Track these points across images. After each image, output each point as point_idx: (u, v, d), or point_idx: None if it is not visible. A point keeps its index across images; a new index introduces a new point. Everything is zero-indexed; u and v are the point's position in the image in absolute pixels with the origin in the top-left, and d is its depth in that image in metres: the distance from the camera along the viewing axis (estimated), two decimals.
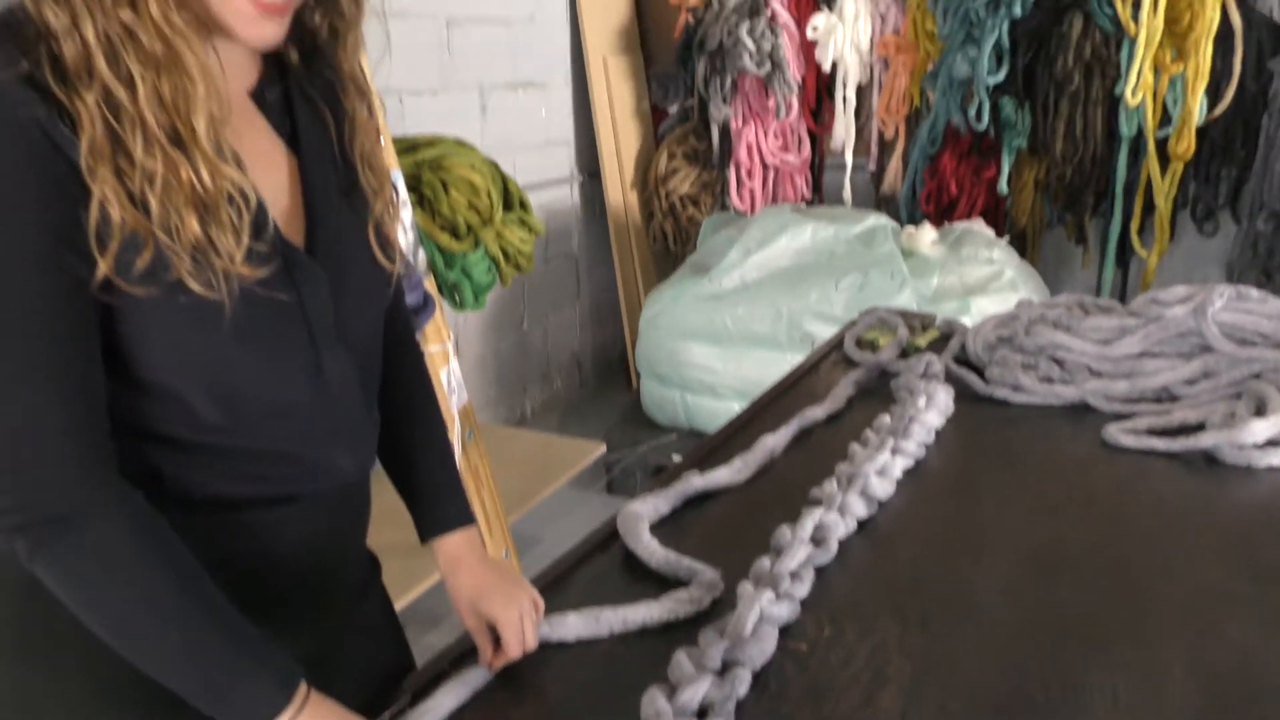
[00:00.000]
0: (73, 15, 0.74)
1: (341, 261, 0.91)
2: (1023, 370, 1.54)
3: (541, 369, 3.88)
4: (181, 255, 0.76)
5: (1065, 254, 3.68)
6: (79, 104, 0.73)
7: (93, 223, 0.74)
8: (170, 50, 0.75)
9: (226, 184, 0.78)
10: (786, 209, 3.29)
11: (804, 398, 1.56)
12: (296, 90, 0.92)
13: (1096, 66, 3.13)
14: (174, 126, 0.76)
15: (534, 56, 3.56)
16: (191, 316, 0.79)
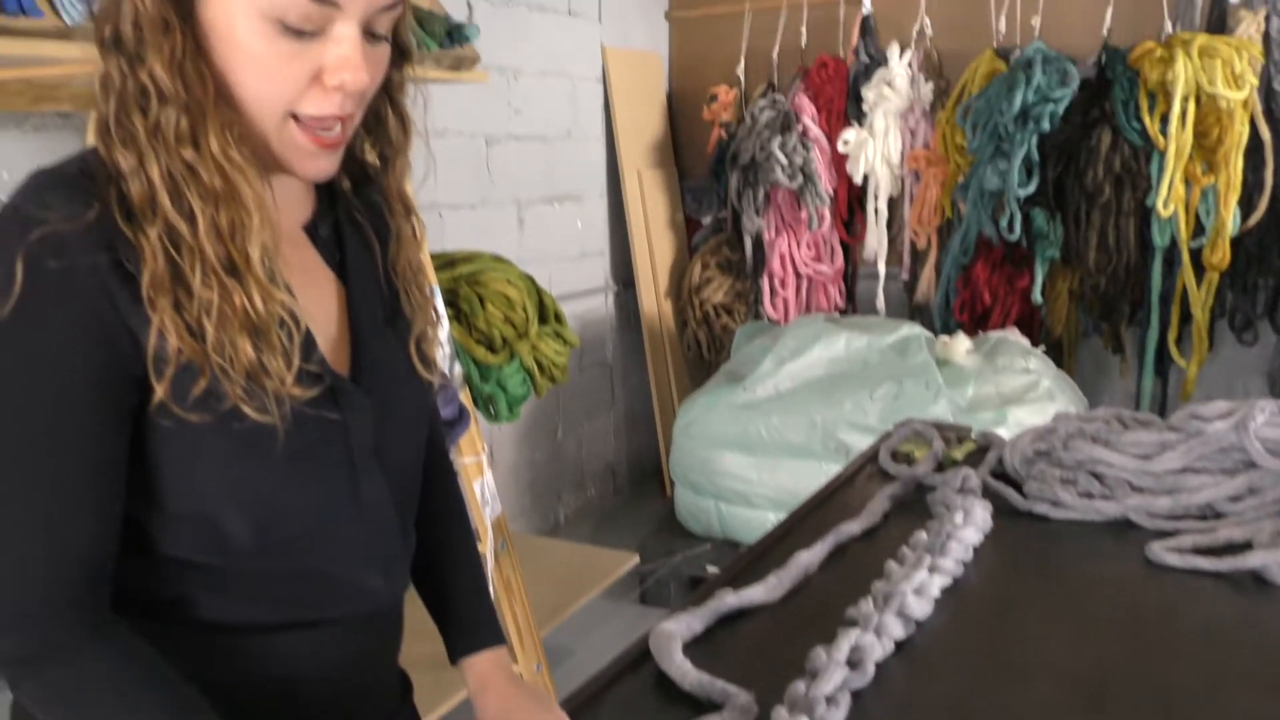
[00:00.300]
0: (139, 156, 0.78)
1: (384, 388, 0.93)
2: (1061, 485, 1.51)
3: (575, 477, 3.87)
4: (235, 380, 0.79)
5: (1102, 363, 3.65)
6: (143, 240, 0.77)
7: (151, 351, 0.77)
8: (229, 184, 0.78)
9: (278, 308, 0.81)
10: (820, 318, 3.31)
11: (839, 512, 1.54)
12: (346, 218, 0.96)
13: (1127, 178, 3.15)
14: (229, 256, 0.79)
15: (570, 170, 3.65)
16: (243, 442, 0.81)
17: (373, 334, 0.94)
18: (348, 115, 0.83)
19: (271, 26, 0.78)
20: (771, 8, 3.93)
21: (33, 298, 0.74)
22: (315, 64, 0.80)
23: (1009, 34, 3.56)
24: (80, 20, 1.43)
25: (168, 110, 0.77)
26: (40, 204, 0.76)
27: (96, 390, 0.77)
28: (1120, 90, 3.15)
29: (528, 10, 3.34)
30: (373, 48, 0.83)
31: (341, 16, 0.79)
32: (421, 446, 1.00)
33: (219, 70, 0.80)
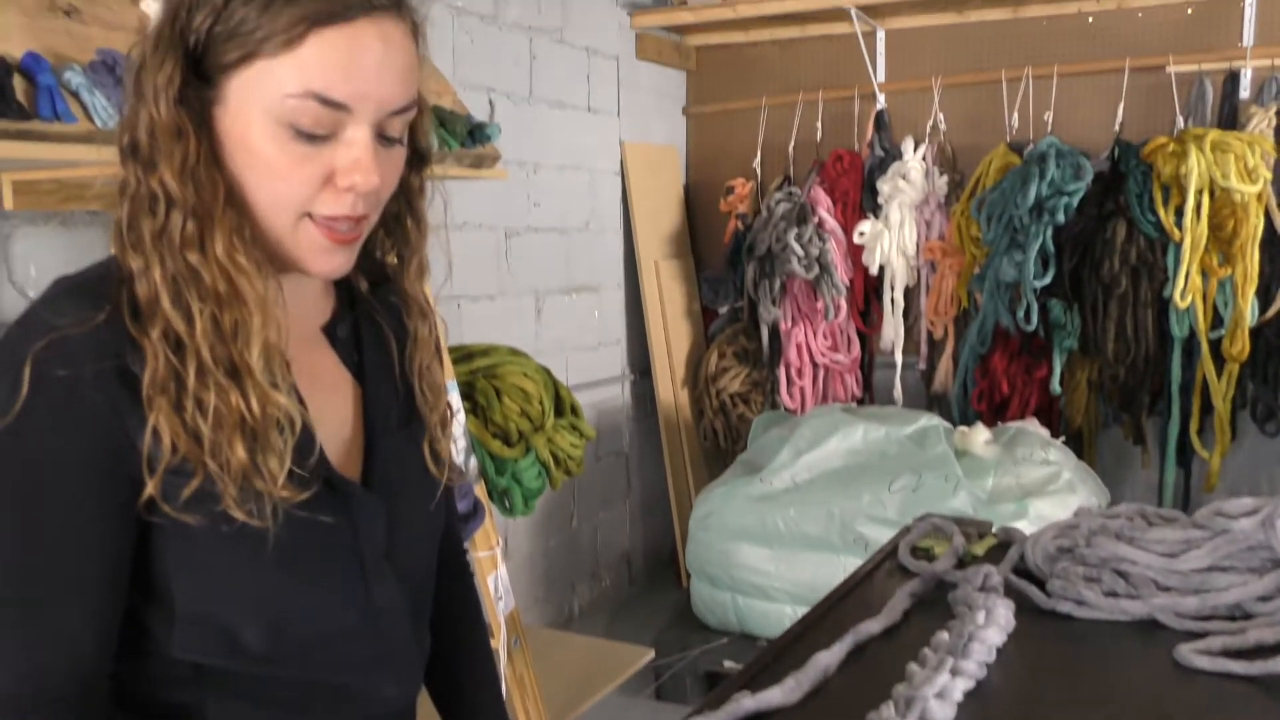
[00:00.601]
0: (145, 258, 0.80)
1: (397, 493, 0.93)
2: (1085, 583, 1.48)
3: (591, 567, 3.83)
4: (228, 483, 0.79)
5: (1123, 454, 3.61)
6: (145, 341, 0.78)
7: (145, 449, 0.78)
8: (232, 286, 0.80)
9: (275, 411, 0.81)
10: (837, 409, 3.30)
11: (858, 609, 1.51)
12: (365, 319, 0.97)
13: (1143, 270, 3.16)
14: (230, 357, 0.80)
15: (588, 262, 3.69)
16: (235, 544, 0.81)
17: (386, 436, 0.94)
18: (360, 215, 0.84)
19: (285, 131, 0.80)
20: (787, 103, 4.01)
21: (37, 404, 0.76)
22: (328, 166, 0.81)
23: (1022, 128, 3.62)
24: (112, 125, 1.47)
25: (175, 215, 0.80)
26: (53, 310, 0.79)
27: (96, 494, 0.79)
28: (1134, 183, 3.18)
29: (548, 107, 3.41)
30: (386, 150, 0.85)
31: (353, 120, 0.81)
32: (435, 550, 1.00)
33: (232, 174, 0.82)
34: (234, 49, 0.79)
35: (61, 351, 0.77)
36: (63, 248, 1.92)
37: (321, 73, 0.78)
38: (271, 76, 0.79)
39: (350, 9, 0.79)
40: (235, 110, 0.81)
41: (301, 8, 0.78)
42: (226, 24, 0.79)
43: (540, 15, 3.33)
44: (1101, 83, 3.55)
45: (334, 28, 0.79)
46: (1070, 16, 3.60)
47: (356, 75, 0.80)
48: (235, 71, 0.80)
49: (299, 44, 0.78)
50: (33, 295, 1.88)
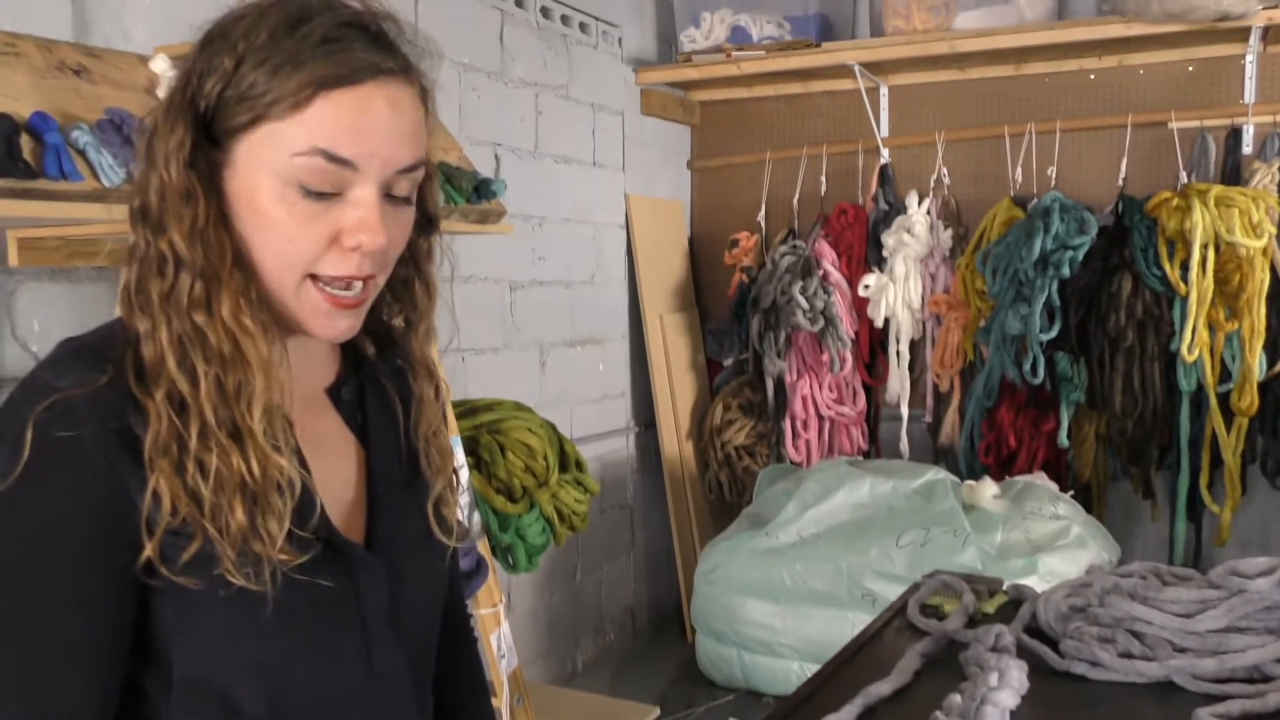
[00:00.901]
0: (153, 320, 0.81)
1: (400, 555, 0.92)
2: (1100, 644, 1.45)
3: (594, 621, 3.78)
4: (226, 546, 0.78)
5: (1133, 508, 3.58)
6: (149, 402, 0.78)
7: (145, 510, 0.78)
8: (236, 348, 0.80)
9: (276, 473, 0.81)
10: (843, 462, 3.28)
11: (867, 670, 1.48)
12: (370, 381, 0.97)
13: (1150, 323, 3.16)
14: (232, 419, 0.80)
15: (593, 314, 3.69)
16: (234, 607, 0.80)
17: (390, 499, 0.94)
18: (366, 276, 0.85)
19: (292, 190, 0.81)
20: (791, 157, 4.04)
21: (38, 466, 0.76)
22: (335, 226, 0.82)
23: (1025, 183, 3.64)
24: (118, 183, 1.48)
25: (184, 276, 0.80)
26: (56, 372, 0.79)
27: (97, 556, 0.78)
28: (1139, 238, 3.18)
29: (554, 162, 3.44)
30: (394, 209, 0.85)
31: (359, 179, 0.82)
32: (438, 614, 0.99)
33: (240, 236, 0.83)
34: (243, 112, 0.80)
35: (63, 413, 0.77)
36: (67, 304, 1.93)
37: (329, 131, 0.80)
38: (279, 138, 0.80)
39: (357, 73, 0.80)
40: (244, 172, 0.82)
41: (309, 72, 0.79)
42: (237, 88, 0.80)
43: (546, 71, 3.37)
44: (1104, 138, 3.57)
45: (341, 90, 0.80)
46: (1072, 73, 3.64)
47: (363, 135, 0.81)
48: (244, 134, 0.81)
49: (306, 106, 0.79)
50: (36, 351, 1.88)
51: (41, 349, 1.89)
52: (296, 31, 0.80)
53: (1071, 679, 1.38)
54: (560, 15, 3.42)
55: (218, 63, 0.81)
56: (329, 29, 0.81)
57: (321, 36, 0.80)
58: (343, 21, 0.82)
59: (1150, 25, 3.16)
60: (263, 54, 0.80)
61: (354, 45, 0.81)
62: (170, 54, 1.76)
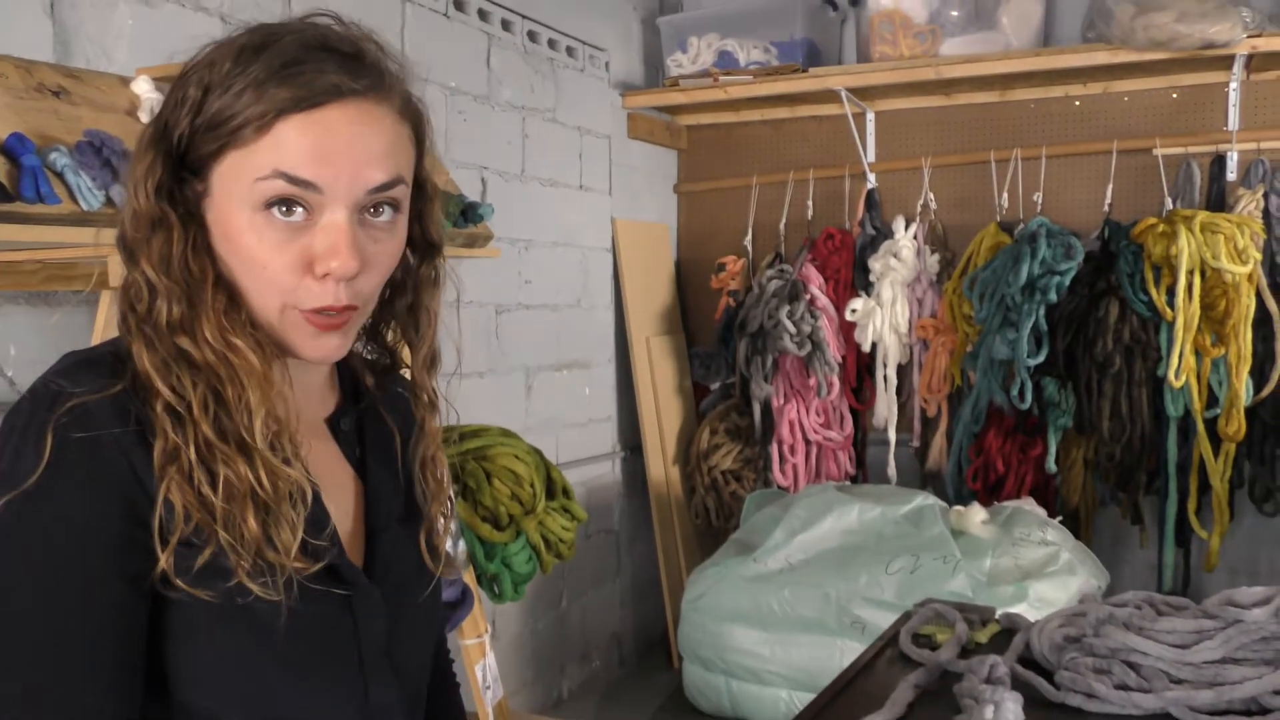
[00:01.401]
0: (136, 343, 0.82)
1: (397, 589, 0.92)
2: (1095, 675, 1.43)
3: (580, 648, 3.74)
4: (241, 554, 0.78)
5: (1121, 533, 3.57)
6: (152, 414, 0.79)
7: (157, 521, 0.78)
8: (226, 364, 0.80)
9: (286, 484, 0.81)
10: (831, 487, 3.26)
11: (860, 702, 1.46)
12: (369, 413, 0.97)
13: (1137, 349, 3.15)
14: (237, 430, 0.80)
15: (579, 338, 3.67)
16: (246, 625, 0.80)
17: (387, 534, 0.93)
18: (345, 305, 0.83)
19: (260, 217, 0.81)
20: (778, 181, 4.04)
21: (59, 468, 0.76)
22: (306, 253, 0.81)
23: (1011, 208, 3.65)
24: (97, 206, 1.45)
25: (159, 301, 0.81)
26: (70, 379, 0.79)
27: (118, 558, 0.78)
28: (1125, 263, 3.19)
29: (541, 185, 3.43)
30: (372, 233, 0.84)
31: (328, 203, 0.81)
32: (431, 649, 0.99)
33: (224, 265, 0.83)
34: (212, 140, 0.81)
35: (81, 417, 0.77)
36: (44, 328, 1.89)
37: (289, 154, 0.79)
38: (245, 164, 0.80)
39: (319, 94, 0.80)
40: (218, 201, 0.82)
41: (270, 97, 0.79)
42: (204, 117, 0.81)
43: (533, 95, 3.36)
44: (1090, 164, 3.59)
45: (301, 114, 0.80)
46: (1057, 100, 3.65)
47: (325, 157, 0.80)
48: (215, 163, 0.82)
49: (268, 131, 0.79)
50: (11, 375, 1.85)
51: (18, 374, 1.85)
52: (260, 56, 0.80)
53: (1066, 711, 1.36)
54: (547, 39, 3.42)
55: (188, 93, 0.82)
56: (293, 53, 0.80)
57: (284, 60, 0.80)
58: (308, 45, 0.82)
59: (1135, 53, 3.18)
60: (227, 81, 0.80)
61: (321, 67, 0.80)
62: (152, 75, 1.74)
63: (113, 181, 1.47)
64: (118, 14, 2.01)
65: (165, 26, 2.11)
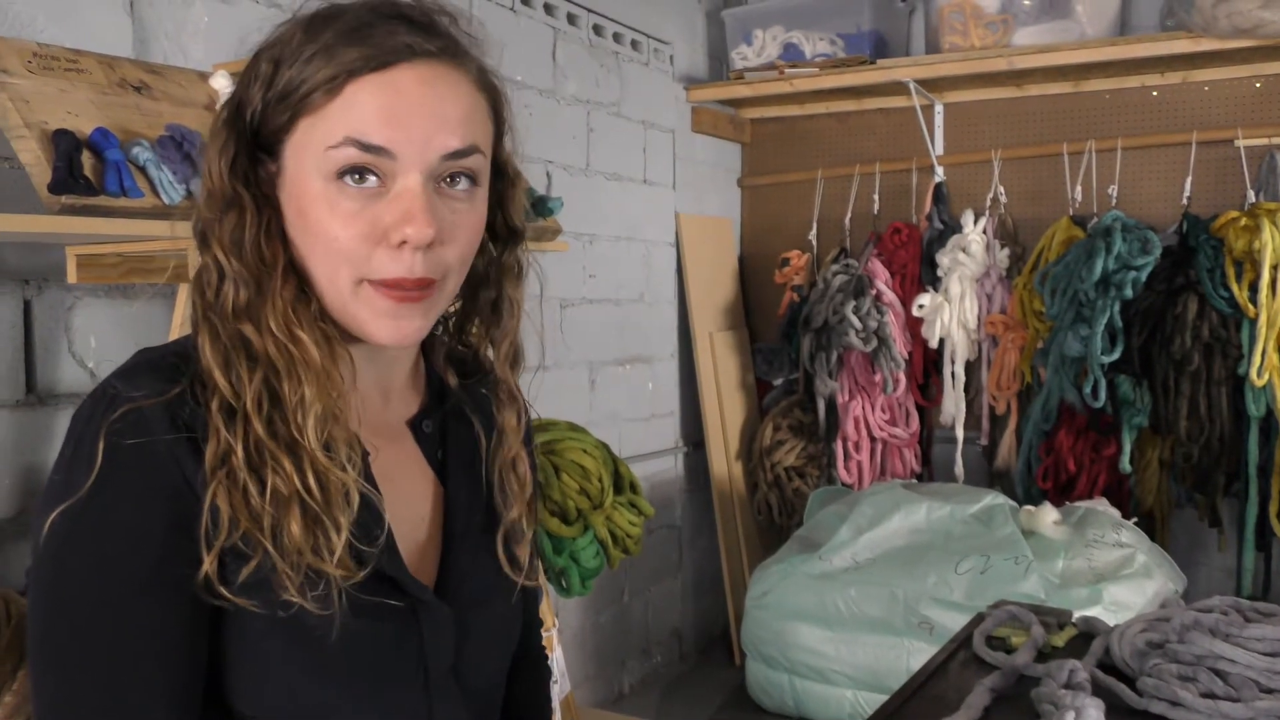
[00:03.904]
0: (203, 329, 0.80)
1: (469, 606, 0.88)
2: (1180, 683, 1.39)
3: (641, 643, 3.74)
4: (286, 562, 0.76)
5: (1199, 536, 3.47)
6: (207, 415, 0.77)
7: (204, 526, 0.75)
8: (286, 357, 0.78)
9: (334, 486, 0.78)
10: (898, 485, 3.21)
11: (934, 706, 1.43)
12: (454, 415, 0.94)
13: (1217, 346, 3.06)
14: (286, 431, 0.78)
15: (642, 333, 3.67)
16: (293, 638, 0.77)
17: (465, 542, 0.90)
18: (420, 279, 0.79)
19: (332, 187, 0.78)
20: (843, 175, 3.99)
21: (111, 473, 0.74)
22: (380, 221, 0.78)
23: (1085, 202, 3.56)
24: (178, 200, 1.47)
25: (227, 285, 0.79)
26: (129, 383, 0.77)
27: (168, 567, 0.76)
28: (1205, 258, 3.09)
29: (605, 179, 3.42)
30: (448, 202, 0.81)
31: (401, 169, 0.78)
32: (505, 667, 0.95)
33: (296, 246, 0.81)
34: (283, 111, 0.79)
35: (135, 422, 0.75)
36: (123, 320, 1.93)
37: (359, 118, 0.77)
38: (316, 132, 0.78)
39: (388, 55, 0.78)
40: (291, 177, 0.80)
41: (339, 60, 0.77)
42: (275, 89, 0.79)
43: (598, 89, 3.36)
44: (1167, 156, 3.49)
45: (371, 74, 0.77)
46: (1134, 90, 3.56)
47: (396, 119, 0.77)
48: (288, 135, 0.80)
49: (337, 94, 0.77)
50: (92, 367, 1.89)
51: (98, 366, 1.89)
52: (330, 25, 0.79)
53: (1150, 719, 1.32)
54: (612, 33, 3.41)
55: (260, 69, 0.80)
56: (364, 17, 0.79)
57: (353, 25, 0.78)
58: (379, 12, 0.80)
59: (1217, 41, 3.08)
60: (298, 51, 0.78)
61: (392, 29, 0.78)
62: (229, 70, 1.76)
63: (193, 175, 1.49)
64: (194, 11, 2.05)
65: (240, 22, 2.14)
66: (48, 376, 1.83)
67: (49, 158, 1.40)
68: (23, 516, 1.79)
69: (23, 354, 1.79)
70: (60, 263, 1.68)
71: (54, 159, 1.39)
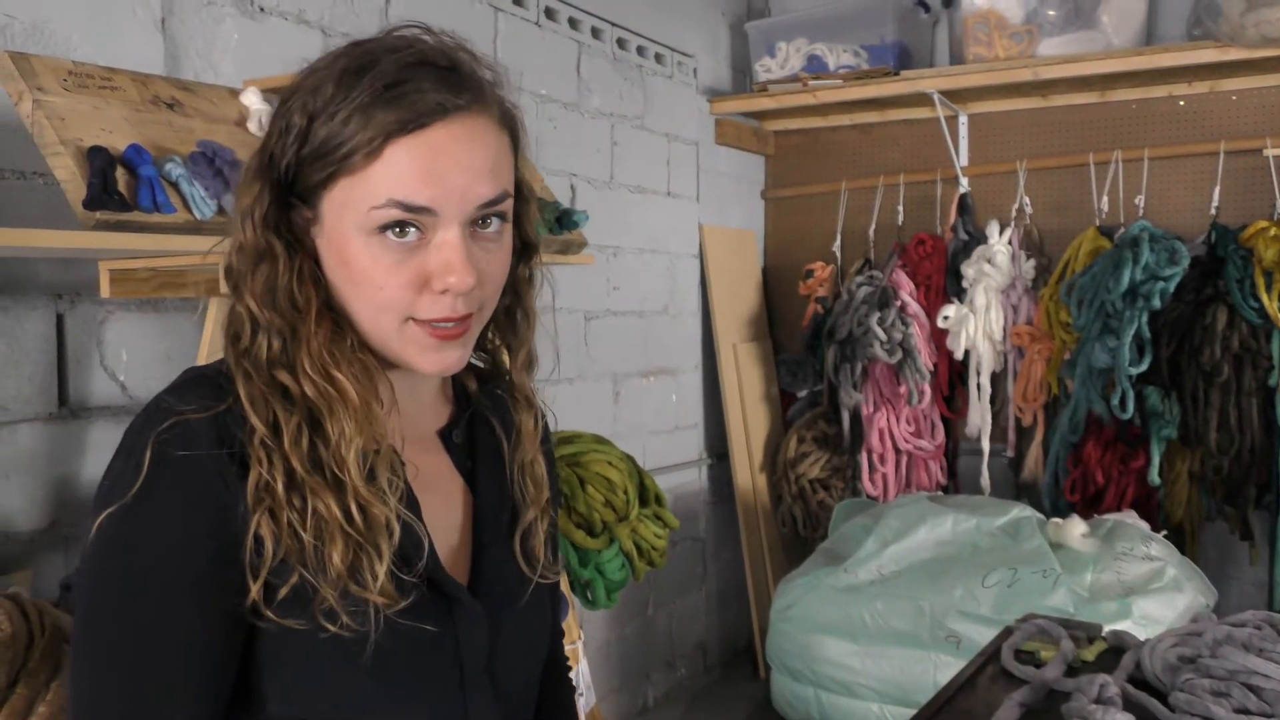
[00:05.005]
0: (236, 374, 0.83)
1: (501, 606, 0.91)
2: (1213, 698, 1.38)
3: (666, 656, 3.73)
4: (326, 588, 0.78)
5: (1229, 549, 3.43)
6: (249, 445, 0.80)
7: (248, 552, 0.78)
8: (323, 398, 0.81)
9: (376, 514, 0.81)
10: (923, 497, 3.19)
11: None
12: (478, 420, 0.98)
13: (1247, 357, 3.03)
14: (326, 465, 0.81)
15: (666, 345, 3.67)
16: (334, 648, 0.80)
17: (494, 547, 0.93)
18: (463, 316, 0.84)
19: (376, 241, 0.81)
20: (867, 186, 3.99)
21: (157, 485, 0.78)
22: (422, 270, 0.82)
23: (1111, 212, 3.54)
24: (210, 215, 1.49)
25: (260, 335, 0.82)
26: (178, 397, 0.81)
27: (206, 577, 0.79)
28: (1234, 268, 3.06)
29: (629, 192, 3.43)
30: (483, 245, 0.84)
31: (441, 222, 0.81)
32: (538, 666, 0.98)
33: (334, 288, 0.84)
34: (320, 169, 0.82)
35: (182, 435, 0.78)
36: (154, 334, 1.96)
37: (401, 180, 0.80)
38: (357, 191, 0.81)
39: (424, 116, 0.80)
40: (330, 228, 0.83)
41: (377, 123, 0.79)
42: (311, 145, 0.82)
43: (622, 102, 3.37)
44: (1195, 166, 3.46)
45: (409, 136, 0.80)
46: (1160, 100, 3.54)
47: (436, 178, 0.80)
48: (325, 191, 0.82)
49: (377, 157, 0.80)
50: (124, 380, 1.91)
51: (129, 379, 1.92)
52: (362, 79, 0.80)
53: None
54: (636, 46, 3.43)
55: (293, 121, 0.82)
56: (394, 73, 0.80)
57: (386, 82, 0.80)
58: (408, 63, 0.81)
59: (1245, 50, 3.06)
60: (333, 107, 0.80)
61: (421, 85, 0.80)
62: (259, 87, 1.78)
63: (225, 191, 1.51)
64: (224, 28, 2.07)
65: (269, 39, 2.16)
66: (80, 390, 1.85)
67: (84, 174, 1.42)
68: (55, 527, 1.81)
69: (55, 367, 1.82)
70: (93, 277, 1.70)
71: (88, 175, 1.41)
